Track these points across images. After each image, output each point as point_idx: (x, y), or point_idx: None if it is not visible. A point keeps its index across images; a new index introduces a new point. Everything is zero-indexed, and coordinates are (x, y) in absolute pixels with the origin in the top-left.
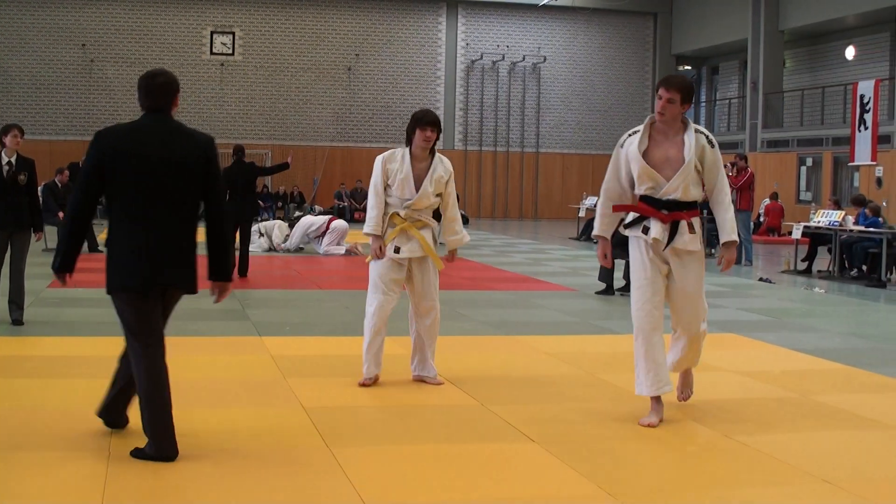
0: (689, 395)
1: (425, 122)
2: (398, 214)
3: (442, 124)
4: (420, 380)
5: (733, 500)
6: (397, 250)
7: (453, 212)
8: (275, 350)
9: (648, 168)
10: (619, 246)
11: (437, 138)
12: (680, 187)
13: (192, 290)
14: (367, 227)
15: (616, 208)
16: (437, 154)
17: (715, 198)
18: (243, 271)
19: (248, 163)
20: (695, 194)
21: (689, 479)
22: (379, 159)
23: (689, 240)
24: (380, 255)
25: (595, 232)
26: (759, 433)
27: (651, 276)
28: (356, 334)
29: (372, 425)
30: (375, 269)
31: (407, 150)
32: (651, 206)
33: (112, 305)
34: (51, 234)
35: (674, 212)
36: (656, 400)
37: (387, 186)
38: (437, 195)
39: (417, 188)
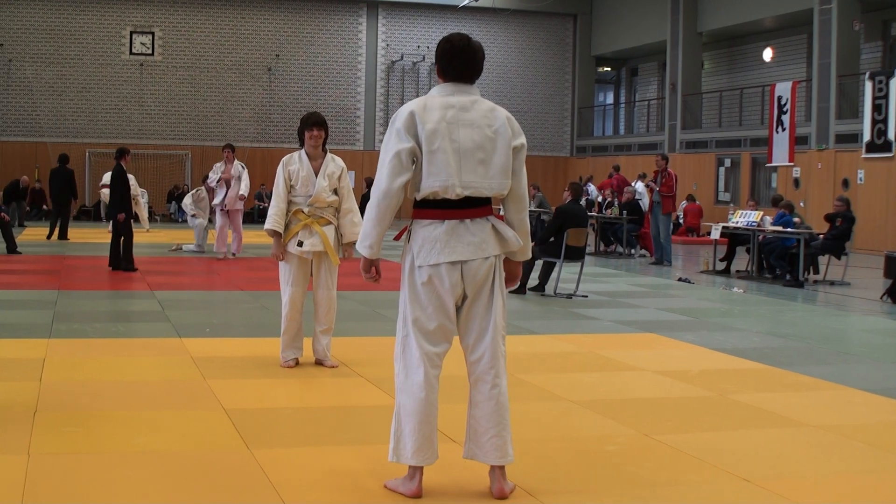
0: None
1: (311, 123)
2: (302, 211)
3: (362, 125)
4: (319, 363)
5: (653, 499)
6: (300, 244)
7: (348, 204)
8: (195, 351)
9: None
10: (540, 245)
11: (326, 136)
12: None
13: None
14: (267, 223)
15: None
16: (329, 154)
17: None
18: (124, 265)
19: (124, 169)
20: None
21: (609, 479)
22: (281, 164)
23: None
24: (280, 257)
25: None
26: (678, 432)
27: None
28: (276, 335)
29: (293, 427)
30: (283, 265)
31: (302, 151)
32: None
33: (29, 307)
34: None
35: None
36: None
37: (291, 188)
38: (333, 191)
39: None
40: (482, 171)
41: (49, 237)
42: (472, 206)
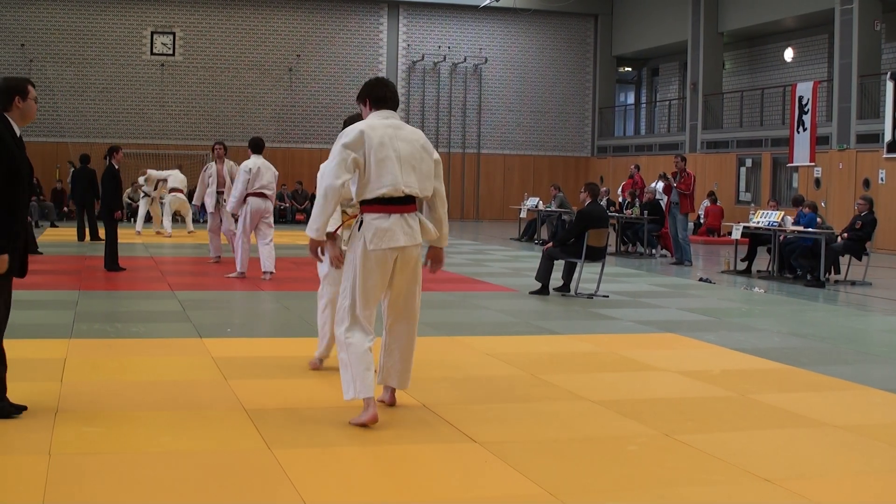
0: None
1: None
2: (345, 212)
3: None
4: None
5: (674, 499)
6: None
7: None
8: (216, 352)
9: None
10: (561, 246)
11: None
12: None
13: None
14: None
15: None
16: None
17: None
18: (109, 264)
19: (115, 168)
20: None
21: (630, 478)
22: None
23: None
24: (340, 263)
25: None
26: (699, 432)
27: None
28: (297, 335)
29: (313, 427)
30: (326, 266)
31: None
32: None
33: (49, 308)
34: None
35: None
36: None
37: None
38: None
39: None
40: (415, 175)
41: (81, 239)
42: (409, 203)
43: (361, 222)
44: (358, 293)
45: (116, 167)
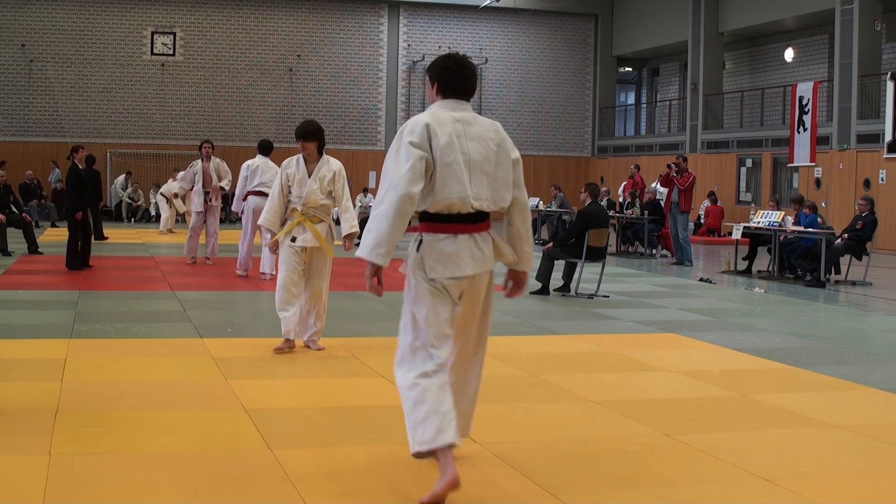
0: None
1: (297, 135)
2: (297, 210)
3: (383, 125)
4: (306, 345)
5: (674, 499)
6: (294, 239)
7: (344, 204)
8: (216, 352)
9: None
10: (561, 246)
11: (321, 144)
12: None
13: None
14: (262, 219)
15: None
16: (325, 156)
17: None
18: (80, 263)
19: (78, 167)
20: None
21: (631, 479)
22: (281, 166)
23: None
24: (273, 248)
25: None
26: (699, 432)
27: None
28: (297, 335)
29: (314, 427)
30: (281, 254)
31: (300, 156)
32: None
33: (50, 308)
34: None
35: None
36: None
37: (289, 189)
38: (328, 193)
39: None
40: (487, 183)
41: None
42: (480, 221)
43: (420, 242)
44: (425, 325)
45: (80, 167)
